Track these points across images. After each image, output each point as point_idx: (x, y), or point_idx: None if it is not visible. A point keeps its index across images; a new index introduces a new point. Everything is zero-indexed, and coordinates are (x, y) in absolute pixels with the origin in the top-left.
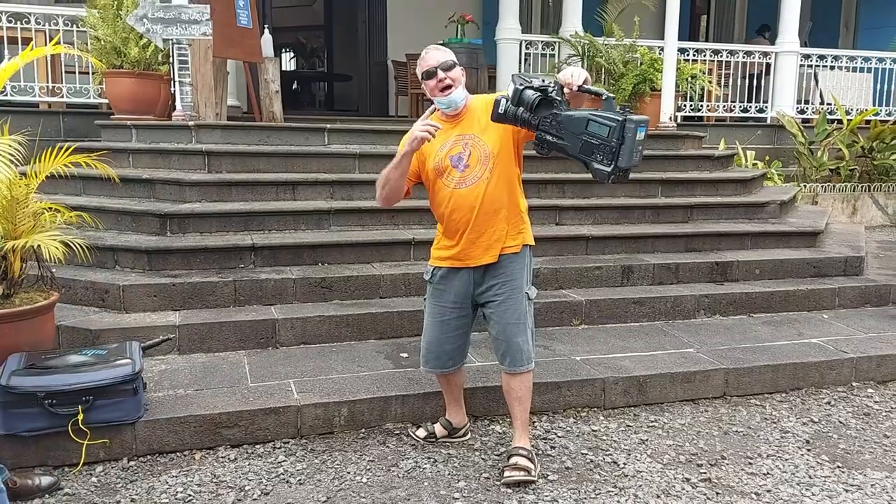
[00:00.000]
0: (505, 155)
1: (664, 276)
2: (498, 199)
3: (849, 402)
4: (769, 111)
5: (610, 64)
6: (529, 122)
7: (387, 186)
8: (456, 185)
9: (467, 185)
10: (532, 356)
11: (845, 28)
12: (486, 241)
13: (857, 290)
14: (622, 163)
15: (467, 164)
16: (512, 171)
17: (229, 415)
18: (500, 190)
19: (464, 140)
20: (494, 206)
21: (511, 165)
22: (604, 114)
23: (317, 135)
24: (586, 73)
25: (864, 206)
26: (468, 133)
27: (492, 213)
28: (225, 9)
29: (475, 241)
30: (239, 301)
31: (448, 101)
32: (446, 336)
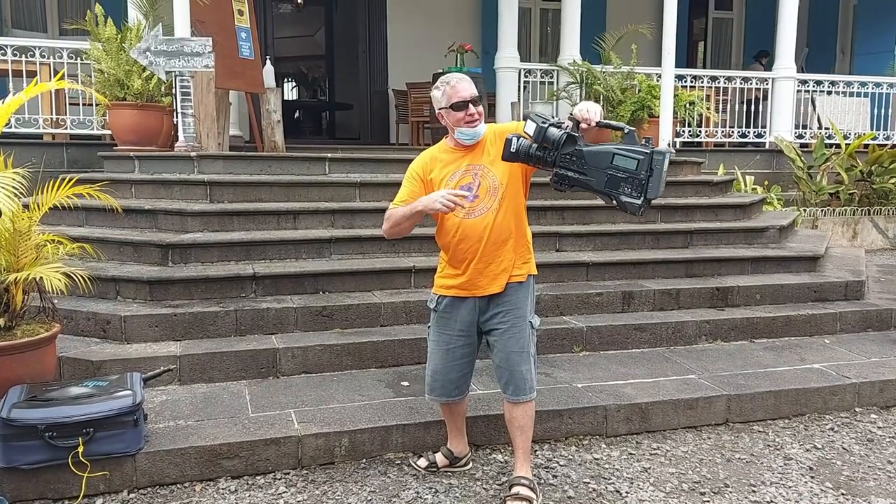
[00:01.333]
0: (513, 186)
1: (665, 302)
2: (506, 229)
3: (852, 427)
4: (767, 136)
5: (608, 91)
6: (544, 160)
7: (395, 228)
8: (465, 215)
9: (476, 216)
10: (535, 385)
11: (842, 53)
12: (493, 271)
13: (858, 315)
14: (651, 194)
15: (476, 194)
16: (519, 201)
17: (230, 445)
18: (508, 220)
19: (474, 170)
20: (503, 237)
21: (519, 196)
22: (628, 147)
23: (318, 164)
24: (599, 106)
25: (864, 229)
26: (478, 164)
27: (500, 243)
28: (227, 41)
29: (482, 272)
30: (240, 330)
31: (473, 133)
32: (452, 364)
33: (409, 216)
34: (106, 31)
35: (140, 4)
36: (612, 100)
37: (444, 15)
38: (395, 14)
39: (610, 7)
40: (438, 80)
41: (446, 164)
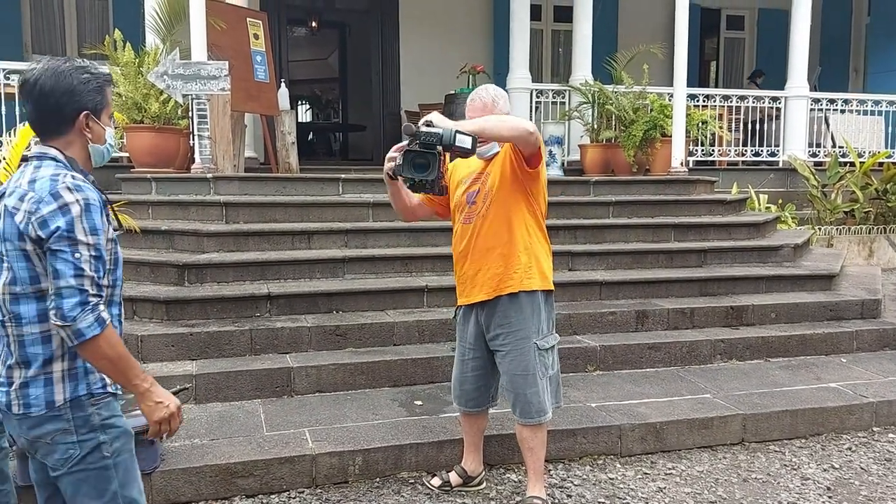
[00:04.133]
0: (504, 192)
1: (679, 321)
2: (493, 236)
3: (870, 447)
4: (781, 155)
5: (620, 111)
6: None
7: (393, 201)
8: (463, 219)
9: (471, 221)
10: (545, 408)
11: (854, 72)
12: (480, 279)
13: (874, 334)
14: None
15: (474, 200)
16: (514, 209)
17: (244, 464)
18: (497, 227)
19: (482, 179)
20: (489, 243)
21: (512, 204)
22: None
23: (331, 184)
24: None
25: (880, 248)
26: (486, 172)
27: (486, 249)
28: (243, 64)
29: (472, 277)
30: (255, 350)
31: (485, 148)
32: (465, 376)
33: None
34: (124, 55)
35: (158, 29)
36: (624, 119)
37: (456, 37)
38: (408, 37)
39: (621, 27)
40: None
41: (468, 169)
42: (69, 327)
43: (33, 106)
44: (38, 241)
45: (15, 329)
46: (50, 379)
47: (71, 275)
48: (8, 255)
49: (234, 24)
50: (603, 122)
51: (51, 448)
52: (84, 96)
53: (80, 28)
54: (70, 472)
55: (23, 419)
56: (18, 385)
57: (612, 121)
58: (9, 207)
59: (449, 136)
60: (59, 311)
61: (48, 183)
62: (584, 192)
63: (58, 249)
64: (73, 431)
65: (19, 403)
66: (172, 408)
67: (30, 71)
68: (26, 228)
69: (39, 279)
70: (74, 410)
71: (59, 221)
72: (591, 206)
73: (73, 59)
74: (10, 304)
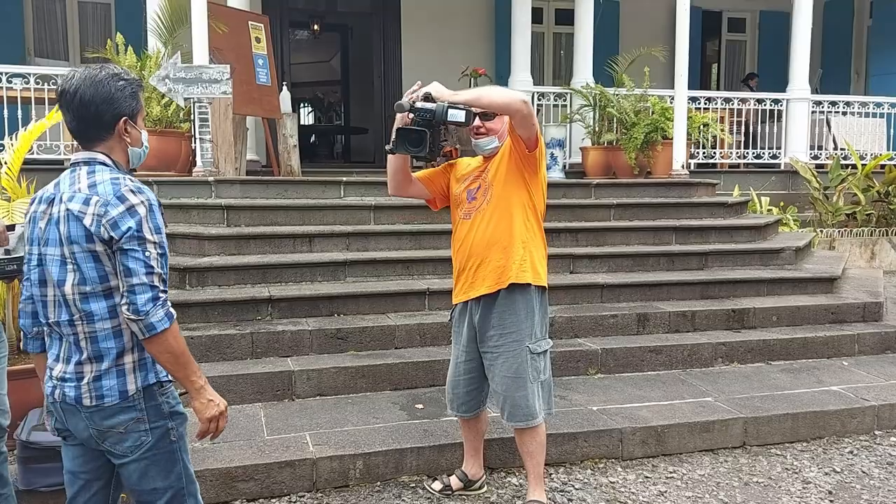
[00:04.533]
0: (504, 185)
1: (680, 324)
2: (493, 229)
3: (871, 451)
4: (783, 157)
5: (621, 114)
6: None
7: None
8: (463, 215)
9: (471, 217)
10: (535, 412)
11: (856, 74)
12: (482, 273)
13: (876, 337)
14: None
15: (475, 196)
16: (513, 202)
17: (245, 468)
18: (496, 221)
19: (483, 176)
20: (489, 237)
21: (511, 196)
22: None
23: (333, 187)
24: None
25: (882, 250)
26: (487, 171)
27: (485, 243)
28: (245, 68)
29: (475, 272)
30: (256, 353)
31: (477, 143)
32: (458, 379)
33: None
34: (126, 58)
35: (160, 33)
36: (625, 122)
37: (457, 40)
38: (410, 39)
39: (623, 30)
40: None
41: (468, 167)
42: (141, 321)
43: (74, 115)
44: (109, 242)
45: (87, 326)
46: (122, 370)
47: (143, 272)
48: (75, 256)
49: (235, 28)
50: (604, 124)
51: (122, 437)
52: (121, 102)
53: (83, 32)
54: (140, 459)
55: (95, 412)
56: (91, 378)
57: (614, 123)
58: (74, 211)
59: (441, 111)
60: (132, 306)
61: (111, 186)
62: (586, 195)
63: (129, 249)
64: (146, 420)
65: (91, 396)
66: (222, 407)
67: (67, 81)
68: (97, 230)
69: (108, 278)
70: (147, 400)
71: (130, 222)
72: (592, 209)
73: (106, 67)
74: (81, 302)
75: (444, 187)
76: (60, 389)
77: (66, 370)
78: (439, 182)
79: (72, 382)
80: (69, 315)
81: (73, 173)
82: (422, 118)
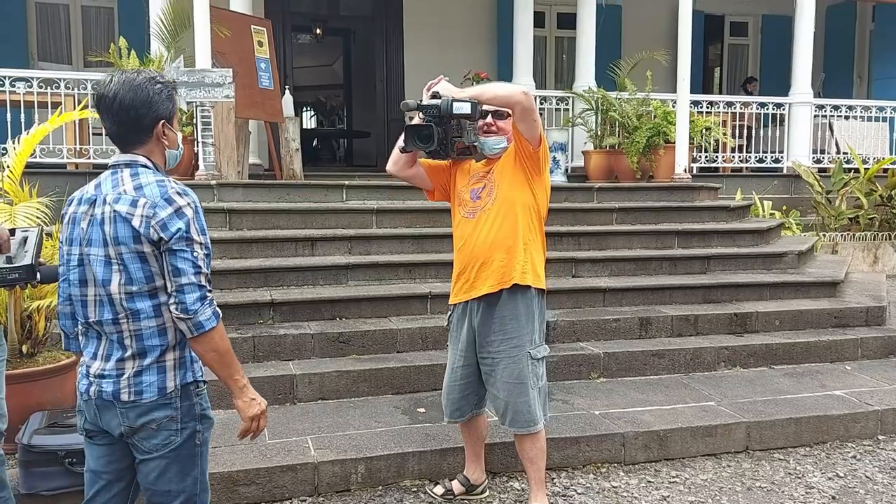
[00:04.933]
0: (509, 189)
1: (683, 328)
2: (497, 229)
3: (875, 455)
4: (785, 161)
5: (623, 118)
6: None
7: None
8: (467, 214)
9: (474, 216)
10: (536, 418)
11: (858, 78)
12: (485, 272)
13: (880, 341)
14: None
15: (479, 195)
16: (517, 203)
17: (247, 472)
18: (500, 220)
19: (488, 177)
20: (492, 237)
21: (515, 197)
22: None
23: (335, 191)
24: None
25: (885, 254)
26: (491, 171)
27: (489, 243)
28: (247, 72)
29: (477, 271)
30: (258, 357)
31: (485, 142)
32: (454, 384)
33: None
34: (129, 62)
35: (162, 37)
36: (627, 126)
37: (460, 44)
38: (412, 43)
39: (625, 34)
40: None
41: (472, 167)
42: (190, 320)
43: (114, 120)
44: (157, 243)
45: (132, 324)
46: (163, 367)
47: (192, 272)
48: (122, 257)
49: (238, 32)
50: (606, 128)
51: (154, 433)
52: (159, 106)
53: (86, 36)
54: (163, 457)
55: (131, 407)
56: (132, 374)
57: (616, 127)
58: (121, 213)
59: (446, 106)
60: (181, 305)
61: (157, 188)
62: (588, 199)
63: (178, 249)
64: (178, 419)
65: (130, 391)
66: (263, 406)
67: (105, 86)
68: (146, 231)
69: (154, 278)
70: (182, 399)
71: (179, 224)
72: (594, 213)
73: (143, 71)
74: (127, 301)
75: (447, 182)
76: (97, 386)
77: (105, 367)
78: (444, 176)
79: (111, 378)
80: (113, 314)
81: (114, 175)
82: (429, 114)
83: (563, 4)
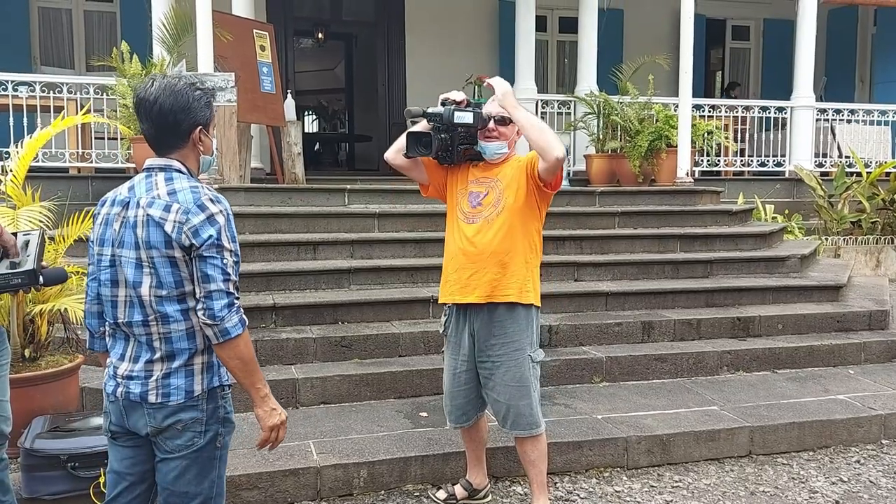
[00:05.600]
0: (518, 205)
1: (685, 332)
2: (498, 243)
3: (878, 460)
4: (787, 165)
5: (625, 121)
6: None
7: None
8: (465, 218)
9: (474, 222)
10: (538, 420)
11: (861, 82)
12: (475, 281)
13: (883, 345)
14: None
15: (480, 202)
16: (523, 222)
17: (249, 476)
18: (504, 236)
19: (488, 182)
20: (492, 249)
21: (522, 217)
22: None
23: (337, 195)
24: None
25: (887, 258)
26: (494, 178)
27: (487, 254)
28: (249, 76)
29: (467, 278)
30: (260, 361)
31: (485, 147)
32: (457, 389)
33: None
34: (131, 67)
35: (165, 41)
36: (629, 130)
37: (461, 48)
38: (414, 47)
39: (627, 38)
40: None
41: (469, 171)
42: (216, 326)
43: (153, 123)
44: (188, 249)
45: (162, 327)
46: (191, 370)
47: (221, 279)
48: (153, 261)
49: (240, 36)
50: (608, 132)
51: (178, 434)
52: (198, 112)
53: (88, 40)
54: (184, 457)
55: (158, 408)
56: (161, 376)
57: (618, 131)
58: (155, 217)
59: (448, 114)
60: (208, 311)
61: (190, 194)
62: (590, 203)
63: (208, 256)
64: (203, 421)
65: (158, 393)
66: (284, 416)
67: (146, 90)
68: (178, 237)
69: (183, 283)
70: (209, 401)
71: (211, 230)
72: (596, 217)
73: (184, 76)
74: (157, 304)
75: (443, 181)
76: (125, 387)
77: (133, 368)
78: (441, 174)
79: (139, 380)
80: (143, 316)
81: (148, 179)
82: (433, 122)
83: (564, 9)
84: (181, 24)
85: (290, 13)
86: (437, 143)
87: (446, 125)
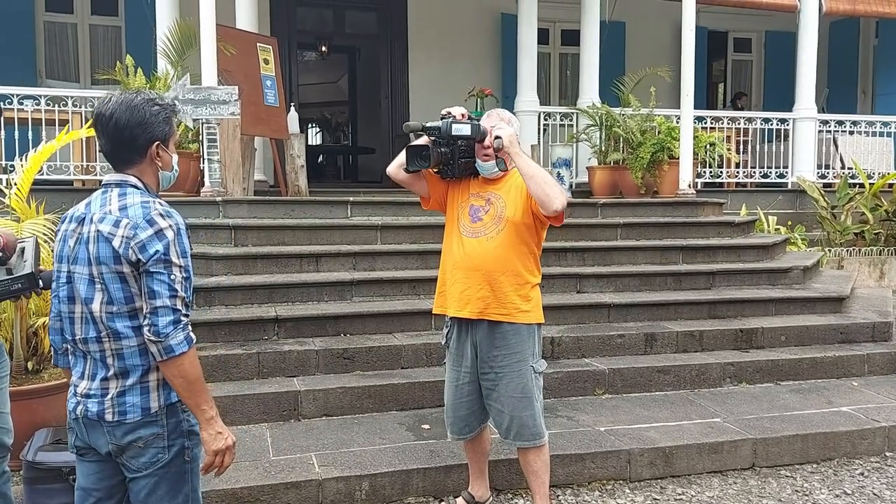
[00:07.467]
0: (520, 223)
1: (688, 344)
2: (500, 259)
3: (882, 472)
4: (790, 177)
5: (627, 133)
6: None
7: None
8: (466, 233)
9: (475, 237)
10: (541, 431)
11: (863, 94)
12: (467, 296)
13: (886, 357)
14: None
15: (481, 217)
16: (524, 241)
17: (251, 489)
18: (506, 253)
19: (488, 196)
20: (491, 266)
21: (524, 236)
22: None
23: (340, 207)
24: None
25: (891, 269)
26: (496, 193)
27: (485, 271)
28: (253, 89)
29: (463, 291)
30: (262, 373)
31: (481, 166)
32: (460, 401)
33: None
34: (136, 80)
35: (169, 54)
36: (631, 142)
37: (464, 60)
38: (417, 60)
39: (629, 51)
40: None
41: (469, 185)
42: (160, 343)
43: (108, 138)
44: (136, 264)
45: (113, 343)
46: (147, 387)
47: (167, 295)
48: (103, 277)
49: (244, 50)
50: (611, 144)
51: (141, 451)
52: (155, 127)
53: (93, 53)
54: (152, 474)
55: (116, 426)
56: (115, 394)
57: (620, 143)
58: (104, 233)
59: (446, 127)
60: (153, 327)
61: (140, 209)
62: (592, 215)
63: (155, 271)
64: (165, 436)
65: (114, 411)
66: (230, 442)
67: (103, 105)
68: (126, 252)
69: (133, 299)
70: (168, 416)
71: (157, 246)
72: (599, 229)
73: (142, 92)
74: (108, 321)
75: (443, 195)
76: (83, 405)
77: (90, 387)
78: (443, 187)
79: (95, 398)
80: (97, 332)
81: (104, 195)
82: (433, 136)
83: (566, 21)
84: (185, 38)
85: (293, 27)
86: (437, 155)
87: (445, 138)
